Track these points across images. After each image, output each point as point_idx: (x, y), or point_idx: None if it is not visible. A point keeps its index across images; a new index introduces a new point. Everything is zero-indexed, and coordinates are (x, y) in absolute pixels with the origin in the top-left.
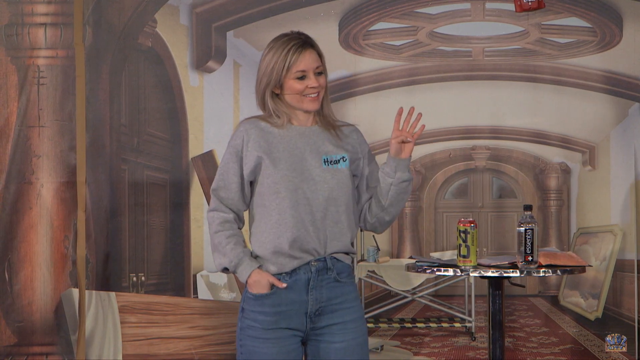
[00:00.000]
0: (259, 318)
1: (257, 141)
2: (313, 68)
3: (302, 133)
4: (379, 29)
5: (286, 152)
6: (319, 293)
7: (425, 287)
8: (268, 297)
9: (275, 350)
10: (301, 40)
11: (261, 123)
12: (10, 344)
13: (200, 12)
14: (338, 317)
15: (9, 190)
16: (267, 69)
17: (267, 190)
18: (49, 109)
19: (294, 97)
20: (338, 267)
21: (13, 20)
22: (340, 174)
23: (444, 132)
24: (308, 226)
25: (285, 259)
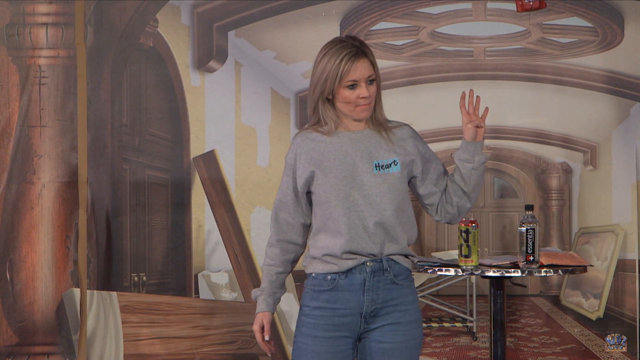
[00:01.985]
0: (315, 313)
1: (309, 154)
2: (365, 77)
3: (353, 139)
4: (380, 28)
5: (337, 161)
6: (375, 294)
7: (426, 286)
8: (325, 292)
9: (323, 349)
10: (355, 48)
11: (312, 134)
12: (12, 343)
13: (202, 11)
14: (392, 318)
15: (10, 190)
16: (321, 76)
17: (319, 200)
18: (50, 108)
19: (347, 106)
20: (395, 269)
21: (14, 20)
22: (391, 178)
23: (446, 131)
24: (361, 232)
25: (338, 260)
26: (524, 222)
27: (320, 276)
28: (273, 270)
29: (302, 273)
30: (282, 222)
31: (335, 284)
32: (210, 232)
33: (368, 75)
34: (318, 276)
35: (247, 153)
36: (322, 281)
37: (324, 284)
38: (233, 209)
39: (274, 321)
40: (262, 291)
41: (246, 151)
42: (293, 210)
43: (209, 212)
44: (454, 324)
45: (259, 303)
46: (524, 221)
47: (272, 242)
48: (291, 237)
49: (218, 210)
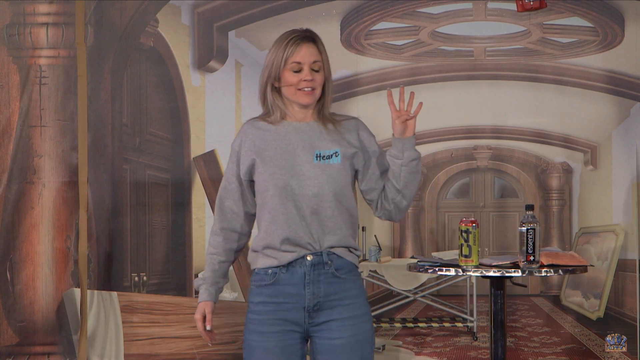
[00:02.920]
0: (259, 308)
1: (252, 142)
2: (309, 62)
3: (298, 128)
4: (381, 28)
5: (278, 150)
6: (317, 288)
7: (427, 286)
8: (267, 287)
9: (272, 344)
10: (303, 33)
11: (259, 122)
12: (12, 343)
13: (202, 11)
14: (337, 313)
15: (11, 189)
16: (269, 62)
17: (259, 189)
18: (50, 108)
19: (289, 89)
20: (337, 263)
21: (15, 20)
22: (331, 169)
23: (446, 131)
24: (298, 222)
25: (278, 253)
26: (524, 222)
27: (262, 271)
28: (216, 259)
29: None
30: (227, 210)
31: (276, 278)
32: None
33: (313, 60)
34: (260, 271)
35: None
36: (263, 276)
37: (265, 279)
38: None
39: None
40: (204, 280)
41: None
42: (237, 198)
43: (210, 212)
44: (455, 324)
45: (201, 292)
46: (525, 221)
47: (215, 231)
48: (235, 226)
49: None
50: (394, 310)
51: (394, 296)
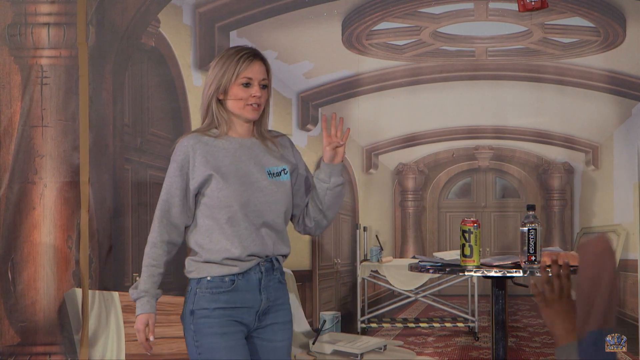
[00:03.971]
0: (215, 314)
1: (204, 157)
2: (259, 79)
3: (243, 145)
4: (382, 28)
5: (233, 166)
6: (269, 293)
7: (428, 286)
8: (224, 293)
9: (232, 343)
10: (253, 51)
11: (203, 137)
12: (14, 343)
13: (204, 11)
14: (280, 316)
15: (12, 190)
16: (217, 75)
17: (218, 204)
18: (52, 108)
19: (237, 103)
20: (280, 269)
21: (16, 20)
22: (283, 186)
23: (447, 131)
24: (258, 235)
25: (239, 263)
26: (525, 222)
27: (217, 279)
28: (156, 272)
29: (306, 273)
30: (170, 223)
31: (234, 285)
32: None
33: (262, 77)
34: (215, 279)
35: None
36: (220, 283)
37: (222, 286)
38: None
39: None
40: (146, 293)
41: None
42: (180, 212)
43: None
44: (456, 324)
45: (143, 304)
46: (526, 221)
47: (155, 243)
48: (174, 238)
49: None
50: (395, 310)
51: (395, 296)
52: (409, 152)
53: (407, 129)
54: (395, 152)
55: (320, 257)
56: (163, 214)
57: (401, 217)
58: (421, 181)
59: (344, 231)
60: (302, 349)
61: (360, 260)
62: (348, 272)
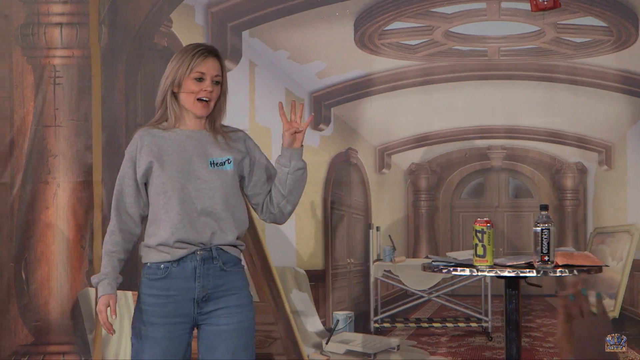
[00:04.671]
0: (150, 300)
1: (149, 147)
2: (212, 75)
3: (191, 136)
4: (395, 28)
5: (175, 155)
6: (206, 281)
7: (441, 286)
8: (159, 280)
9: (160, 335)
10: (209, 48)
11: (153, 130)
12: (27, 343)
13: (216, 11)
14: (223, 302)
15: (25, 189)
16: (173, 68)
17: (156, 190)
18: (65, 108)
19: (189, 96)
20: (224, 258)
21: (29, 20)
22: (225, 175)
23: (460, 131)
24: (194, 222)
25: (170, 249)
26: (539, 222)
27: (154, 265)
28: (115, 257)
29: (319, 272)
30: (122, 212)
31: (168, 272)
32: None
33: (215, 74)
34: (152, 265)
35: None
36: (156, 270)
37: (157, 273)
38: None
39: (289, 321)
40: (106, 276)
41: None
42: (133, 201)
43: None
44: (469, 324)
45: (104, 286)
46: (539, 221)
47: (113, 231)
48: (130, 227)
49: None
50: (408, 310)
51: (409, 296)
52: (421, 152)
53: (420, 129)
54: (408, 152)
55: (333, 257)
56: (117, 204)
57: (414, 217)
58: (434, 181)
59: (356, 231)
60: (316, 349)
61: (373, 260)
62: (361, 272)
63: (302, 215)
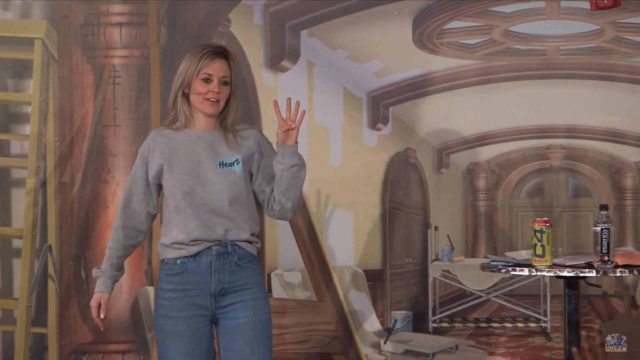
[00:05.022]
0: (169, 295)
1: (161, 148)
2: (219, 76)
3: (201, 137)
4: (453, 27)
5: (185, 157)
6: (222, 275)
7: (500, 286)
8: (176, 275)
9: (182, 328)
10: (217, 49)
11: (165, 131)
12: (87, 341)
13: (274, 11)
14: (240, 296)
15: (85, 189)
16: (183, 70)
17: (167, 192)
18: (124, 108)
19: (197, 97)
20: (239, 253)
21: (89, 20)
22: (233, 175)
23: (519, 131)
24: (206, 222)
25: (185, 247)
26: (598, 222)
27: (171, 261)
28: (114, 254)
29: (377, 272)
30: (130, 210)
31: (184, 267)
32: (283, 231)
33: (223, 74)
34: (169, 261)
35: (319, 152)
36: (172, 265)
37: (174, 268)
38: (306, 208)
39: (347, 321)
40: (102, 273)
41: (319, 151)
42: (142, 199)
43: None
44: (528, 324)
45: (99, 284)
46: (599, 221)
47: (117, 228)
48: (135, 225)
49: None
50: (466, 310)
51: (467, 296)
52: (480, 152)
53: (479, 128)
54: (467, 152)
55: (391, 256)
56: (125, 202)
57: (472, 216)
58: (492, 180)
59: (415, 230)
60: (374, 349)
61: (431, 259)
62: (419, 271)
63: (361, 214)
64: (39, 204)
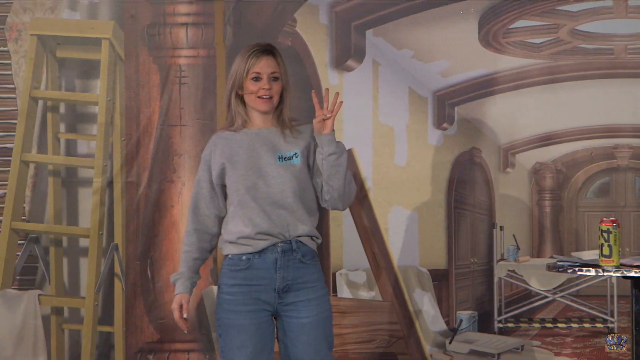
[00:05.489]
0: (233, 290)
1: (221, 149)
2: (268, 72)
3: (259, 134)
4: (519, 26)
5: (245, 154)
6: (286, 272)
7: (566, 286)
8: (241, 271)
9: (247, 321)
10: (262, 47)
11: (224, 133)
12: (153, 340)
13: (340, 10)
14: (303, 294)
15: (151, 188)
16: (233, 72)
17: (230, 189)
18: (190, 108)
19: (250, 97)
20: (303, 250)
21: (155, 20)
22: (292, 168)
23: (585, 130)
24: (269, 214)
25: (252, 241)
26: None
27: (236, 257)
28: (190, 257)
29: (442, 272)
30: (199, 213)
31: (250, 263)
32: (348, 231)
33: (271, 70)
34: (234, 257)
35: (384, 152)
36: (237, 261)
37: (239, 264)
38: (371, 207)
39: (412, 320)
40: (180, 275)
41: (383, 150)
42: (209, 202)
43: (347, 211)
44: (595, 325)
45: (178, 285)
46: None
47: (189, 232)
48: (207, 227)
49: (356, 209)
50: (532, 310)
51: (533, 296)
52: (546, 151)
53: (545, 128)
54: (533, 151)
55: (456, 256)
56: (194, 206)
57: (538, 216)
58: (559, 180)
59: (480, 230)
60: (439, 348)
61: (497, 259)
62: (484, 271)
63: (425, 214)
64: (105, 203)
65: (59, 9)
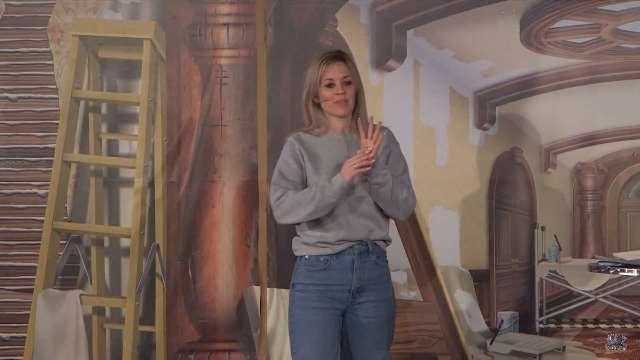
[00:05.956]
0: (309, 289)
1: (306, 150)
2: (340, 77)
3: (340, 140)
4: (561, 26)
5: (329, 161)
6: (362, 273)
7: (608, 287)
8: (318, 272)
9: (320, 318)
10: (332, 53)
11: (304, 136)
12: (194, 340)
13: (381, 11)
14: (374, 295)
15: (192, 188)
16: (307, 81)
17: None
18: (231, 108)
19: (327, 103)
20: (377, 252)
21: (196, 21)
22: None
23: (628, 130)
24: (350, 222)
25: (329, 245)
26: None
27: (313, 258)
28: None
29: (483, 272)
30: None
31: (327, 264)
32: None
33: (343, 75)
34: (311, 258)
35: (425, 152)
36: (315, 262)
37: (317, 265)
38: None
39: (453, 321)
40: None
41: (425, 150)
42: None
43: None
44: (637, 326)
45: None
46: None
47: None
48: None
49: None
50: (574, 310)
51: (574, 297)
52: (588, 151)
53: (586, 128)
54: (574, 151)
55: (497, 256)
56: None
57: (580, 216)
58: (600, 180)
59: (521, 230)
60: (480, 349)
61: (538, 260)
62: (526, 271)
63: (467, 214)
64: (146, 203)
65: (101, 10)
